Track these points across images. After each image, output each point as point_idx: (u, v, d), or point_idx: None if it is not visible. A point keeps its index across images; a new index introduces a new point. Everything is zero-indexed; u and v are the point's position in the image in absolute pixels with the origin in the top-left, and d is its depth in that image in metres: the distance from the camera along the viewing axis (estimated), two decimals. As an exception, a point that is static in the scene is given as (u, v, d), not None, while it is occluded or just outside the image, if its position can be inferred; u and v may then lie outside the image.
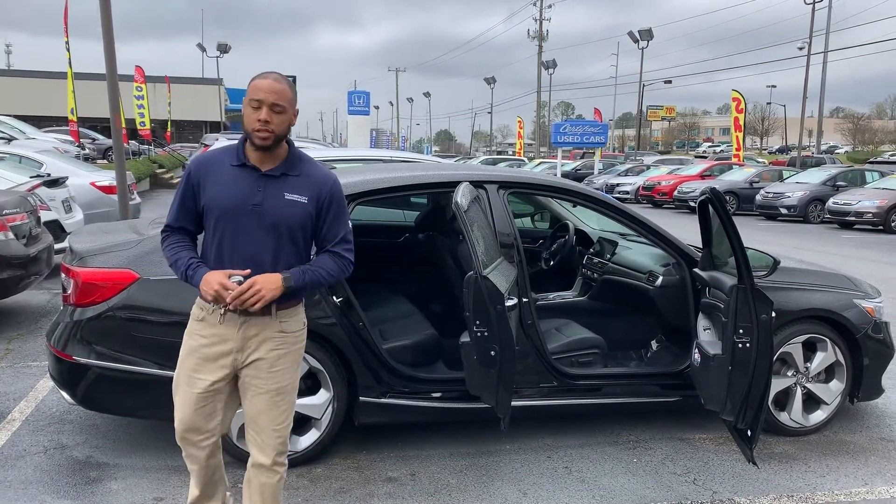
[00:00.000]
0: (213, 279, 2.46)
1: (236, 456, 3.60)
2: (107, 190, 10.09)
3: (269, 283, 2.47)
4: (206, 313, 2.61)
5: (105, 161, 22.99)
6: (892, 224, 17.33)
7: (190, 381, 2.65)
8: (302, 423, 3.82)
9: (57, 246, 7.19)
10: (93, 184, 10.16)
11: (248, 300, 2.45)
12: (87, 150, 22.53)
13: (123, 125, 10.03)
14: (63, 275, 3.79)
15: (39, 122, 34.37)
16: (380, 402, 3.87)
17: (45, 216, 7.59)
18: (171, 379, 3.51)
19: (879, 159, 40.30)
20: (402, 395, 3.91)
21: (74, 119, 19.21)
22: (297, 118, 2.63)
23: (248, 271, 2.49)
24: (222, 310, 2.56)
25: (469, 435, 4.21)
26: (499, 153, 73.18)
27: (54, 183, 8.78)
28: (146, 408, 3.73)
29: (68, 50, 17.83)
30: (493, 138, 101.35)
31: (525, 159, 42.72)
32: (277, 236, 2.55)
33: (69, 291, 3.66)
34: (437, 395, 3.96)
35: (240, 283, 2.46)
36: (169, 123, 38.02)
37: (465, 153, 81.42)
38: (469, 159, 45.37)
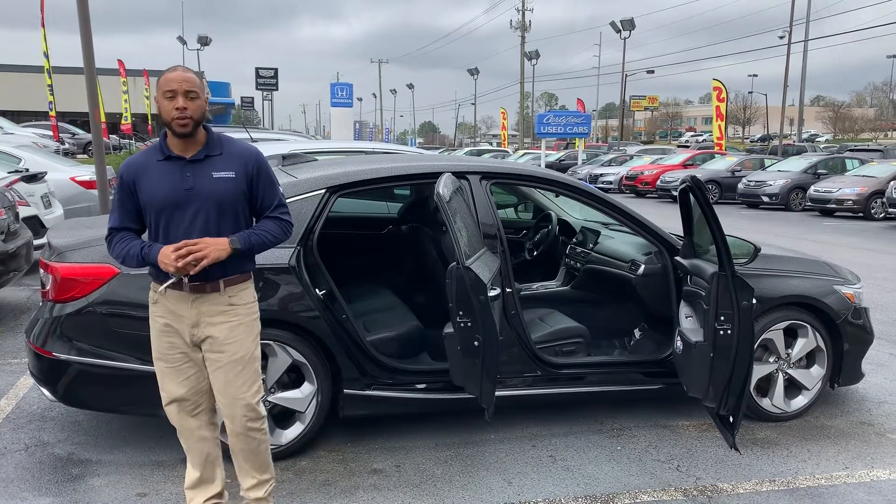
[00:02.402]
0: (169, 251, 2.63)
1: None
2: (87, 185, 9.97)
3: (216, 243, 2.67)
4: (158, 295, 2.80)
5: (85, 156, 22.76)
6: (872, 211, 17.50)
7: (166, 358, 2.85)
8: (286, 416, 3.81)
9: (36, 242, 7.10)
10: (73, 179, 10.04)
11: (194, 252, 2.61)
12: (66, 145, 22.29)
13: (103, 119, 9.92)
14: (42, 270, 3.74)
15: (18, 116, 33.96)
16: (364, 395, 3.86)
17: (24, 212, 7.50)
18: (151, 374, 3.53)
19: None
20: (386, 386, 3.91)
21: (53, 114, 18.98)
22: (275, 110, 2.72)
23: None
24: (168, 283, 2.72)
25: (454, 425, 4.22)
26: (484, 144, 73.13)
27: (33, 178, 8.66)
28: (128, 403, 3.70)
29: (45, 43, 17.59)
30: (477, 129, 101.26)
31: (509, 150, 42.71)
32: (217, 214, 2.73)
33: (48, 287, 3.62)
34: (422, 386, 3.96)
35: None
36: (150, 117, 37.65)
37: (449, 144, 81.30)
38: (453, 150, 45.33)
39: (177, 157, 2.72)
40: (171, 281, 2.73)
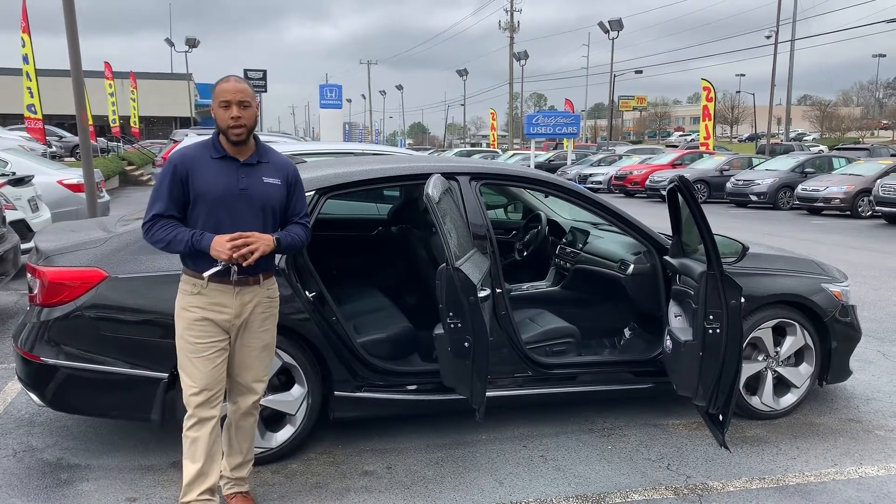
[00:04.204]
0: (223, 239, 2.83)
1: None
2: (74, 188, 9.92)
3: (264, 238, 2.91)
4: (200, 287, 2.95)
5: (73, 159, 22.62)
6: (859, 209, 17.62)
7: (197, 348, 2.96)
8: (277, 418, 3.80)
9: (24, 246, 7.05)
10: (60, 182, 9.99)
11: (249, 245, 2.84)
12: (53, 148, 22.15)
13: (91, 122, 9.84)
14: (29, 275, 3.72)
15: (4, 120, 33.72)
16: (355, 397, 3.86)
17: (11, 215, 7.45)
18: (141, 378, 3.55)
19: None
20: (377, 388, 3.90)
21: (39, 117, 18.82)
22: (264, 112, 2.85)
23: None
24: (214, 270, 2.89)
25: (445, 426, 4.22)
26: (472, 145, 73.21)
27: (20, 181, 8.61)
28: (118, 408, 3.68)
29: (24, 45, 17.46)
30: (466, 130, 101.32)
31: (499, 151, 42.75)
32: (264, 215, 2.99)
33: (36, 291, 3.60)
34: (413, 387, 3.96)
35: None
36: (136, 119, 37.42)
37: (439, 145, 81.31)
38: (443, 152, 45.36)
39: (231, 158, 2.97)
40: (216, 268, 2.88)
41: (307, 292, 3.71)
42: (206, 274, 2.90)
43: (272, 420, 3.80)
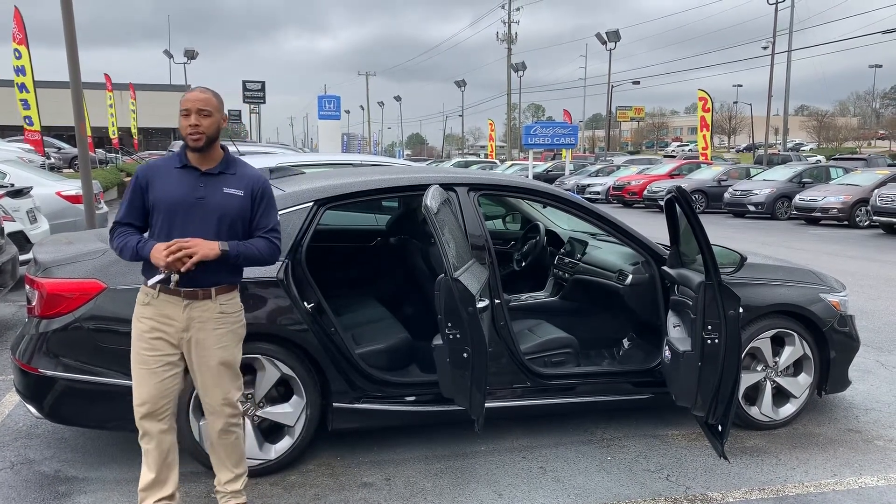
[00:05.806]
0: (161, 246, 2.80)
1: (207, 464, 3.57)
2: (73, 199, 9.92)
3: (206, 243, 2.83)
4: (150, 297, 2.95)
5: (71, 170, 22.63)
6: (857, 219, 17.65)
7: (143, 360, 2.95)
8: (275, 430, 3.79)
9: (22, 257, 7.05)
10: (59, 193, 9.99)
11: (185, 250, 2.77)
12: (51, 160, 22.17)
13: (89, 133, 9.86)
14: (27, 286, 3.72)
15: (2, 131, 33.74)
16: (354, 408, 3.85)
17: (9, 227, 7.44)
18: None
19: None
20: (375, 399, 3.90)
21: (38, 129, 18.83)
22: (262, 123, 2.86)
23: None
24: (160, 285, 2.89)
25: (443, 437, 4.21)
26: (471, 155, 73.38)
27: (18, 193, 8.61)
28: (115, 419, 3.66)
29: (20, 57, 17.49)
30: (464, 141, 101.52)
31: (497, 161, 42.83)
32: (219, 225, 2.93)
33: (34, 303, 3.60)
34: (411, 398, 3.95)
35: None
36: (135, 131, 37.49)
37: (437, 156, 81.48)
38: (441, 162, 45.42)
39: (193, 168, 2.96)
40: (159, 277, 2.86)
41: (305, 303, 3.71)
42: (150, 282, 2.91)
43: (271, 431, 3.79)
